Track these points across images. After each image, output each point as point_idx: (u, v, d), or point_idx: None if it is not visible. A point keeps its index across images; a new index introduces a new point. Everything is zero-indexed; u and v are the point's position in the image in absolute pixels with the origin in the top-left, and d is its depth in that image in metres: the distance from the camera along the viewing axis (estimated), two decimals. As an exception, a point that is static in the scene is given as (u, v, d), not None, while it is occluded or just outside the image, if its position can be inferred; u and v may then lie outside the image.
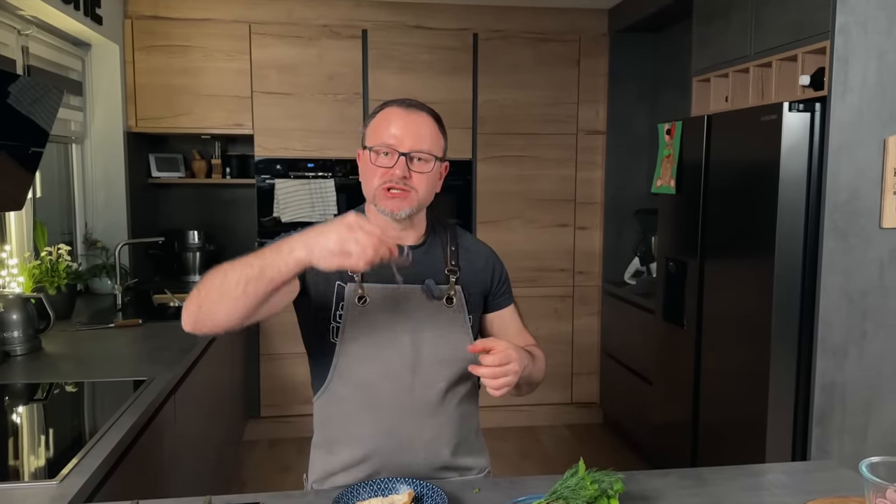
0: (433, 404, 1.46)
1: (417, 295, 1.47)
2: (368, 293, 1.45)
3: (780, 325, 2.50)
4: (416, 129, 1.39)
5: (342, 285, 1.46)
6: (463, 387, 1.51)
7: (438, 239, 1.54)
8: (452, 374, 1.47)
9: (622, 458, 3.92)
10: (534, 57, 4.14)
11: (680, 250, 3.09)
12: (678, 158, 3.06)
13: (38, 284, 2.87)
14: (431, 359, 1.46)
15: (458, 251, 1.53)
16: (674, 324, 3.11)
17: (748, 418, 2.63)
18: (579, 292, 4.33)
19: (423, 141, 1.39)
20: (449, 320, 1.48)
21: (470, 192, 4.18)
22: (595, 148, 4.28)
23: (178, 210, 4.37)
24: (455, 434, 1.49)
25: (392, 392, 1.44)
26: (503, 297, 1.59)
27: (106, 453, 1.60)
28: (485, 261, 1.57)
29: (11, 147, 2.01)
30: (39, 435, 1.81)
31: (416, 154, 1.39)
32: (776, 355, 2.51)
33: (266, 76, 3.92)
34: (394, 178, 1.38)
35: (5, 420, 1.89)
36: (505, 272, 1.60)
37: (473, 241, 1.60)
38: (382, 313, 1.45)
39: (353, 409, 1.46)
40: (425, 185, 1.42)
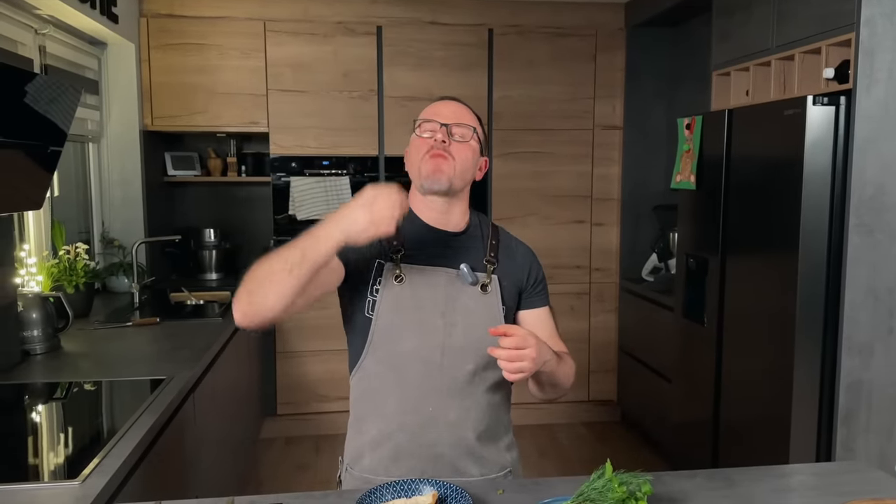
0: (460, 386, 1.48)
1: (453, 279, 1.49)
2: (405, 272, 1.48)
3: (804, 323, 2.46)
4: (457, 109, 1.51)
5: (382, 263, 1.49)
6: (492, 374, 1.51)
7: (479, 231, 1.58)
8: (481, 358, 1.48)
9: (641, 456, 3.89)
10: (550, 52, 4.11)
11: (700, 247, 3.05)
12: (698, 153, 3.02)
13: (56, 283, 2.88)
14: (461, 341, 1.47)
15: (498, 245, 1.57)
16: (694, 321, 3.08)
17: (771, 417, 2.59)
18: (596, 289, 4.30)
19: (464, 117, 1.50)
20: (482, 307, 1.50)
21: (485, 188, 4.15)
22: (612, 144, 4.24)
23: (195, 208, 4.37)
24: (481, 420, 1.50)
25: (420, 370, 1.47)
26: (538, 296, 1.59)
27: (127, 453, 1.60)
28: (522, 258, 1.59)
29: (30, 146, 2.01)
30: (59, 434, 1.81)
31: (456, 126, 1.48)
32: (800, 353, 2.47)
33: (281, 74, 3.92)
34: (436, 144, 1.46)
35: (25, 419, 1.90)
36: (542, 273, 1.61)
37: (513, 239, 1.63)
38: (418, 293, 1.48)
39: (382, 385, 1.49)
40: (464, 155, 1.48)
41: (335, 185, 3.97)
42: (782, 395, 2.52)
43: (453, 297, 1.48)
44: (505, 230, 1.64)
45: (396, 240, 1.50)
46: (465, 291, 1.49)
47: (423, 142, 1.49)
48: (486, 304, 1.50)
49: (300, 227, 3.93)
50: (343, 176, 3.99)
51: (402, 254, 1.50)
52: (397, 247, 1.50)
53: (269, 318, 1.30)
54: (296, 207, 3.95)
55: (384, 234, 1.27)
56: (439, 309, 1.47)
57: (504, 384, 1.55)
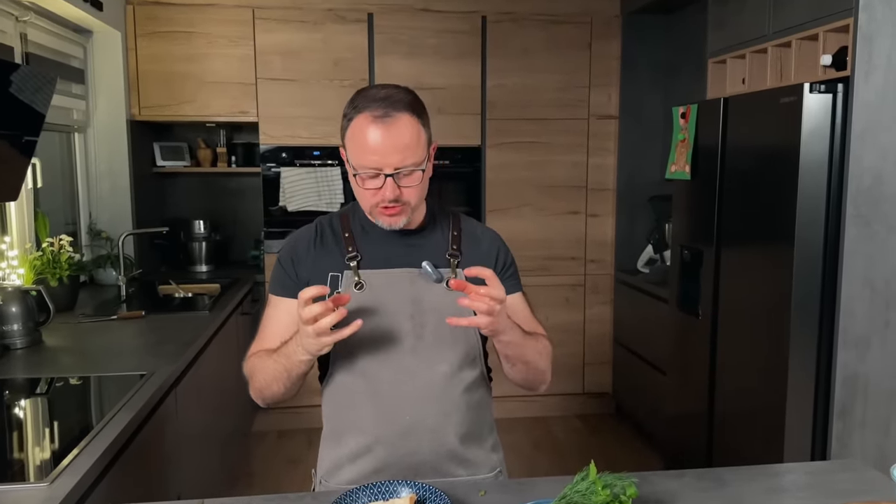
0: (437, 390, 1.42)
1: (416, 278, 1.43)
2: (365, 279, 1.42)
3: (799, 315, 2.42)
4: (395, 142, 1.31)
5: (336, 275, 1.43)
6: (468, 373, 1.46)
7: (439, 225, 1.51)
8: (455, 357, 1.43)
9: (635, 448, 3.86)
10: (544, 40, 4.04)
11: (695, 238, 3.00)
12: (693, 143, 2.97)
13: (39, 276, 2.83)
14: (432, 342, 1.42)
15: (460, 236, 1.50)
16: (689, 314, 3.03)
17: (766, 410, 2.55)
18: (591, 281, 4.25)
19: (407, 152, 1.33)
20: (451, 304, 1.41)
21: (479, 179, 4.10)
22: (607, 133, 4.18)
23: (184, 199, 4.32)
24: (462, 423, 1.44)
25: (393, 378, 1.41)
26: (508, 282, 1.49)
27: (100, 452, 1.55)
28: (489, 245, 1.52)
29: (3, 136, 1.95)
30: (32, 433, 1.76)
31: (402, 170, 1.34)
32: (795, 346, 2.43)
33: (270, 62, 3.85)
34: (385, 200, 1.35)
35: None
36: (510, 258, 1.55)
37: (478, 226, 1.56)
38: (381, 298, 1.42)
39: (355, 397, 1.43)
40: (417, 193, 1.39)
41: (326, 176, 3.92)
42: (777, 388, 2.48)
43: (419, 298, 1.42)
44: (469, 219, 1.56)
45: (352, 246, 1.45)
46: (431, 290, 1.43)
47: (368, 192, 1.37)
48: (453, 301, 1.40)
49: (291, 219, 3.93)
50: (334, 166, 3.93)
51: (360, 259, 1.44)
52: (353, 254, 1.44)
53: (289, 398, 1.47)
54: (286, 199, 3.89)
55: (333, 339, 1.26)
56: (406, 311, 1.42)
57: (483, 382, 1.50)
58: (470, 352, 1.46)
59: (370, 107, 1.32)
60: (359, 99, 1.36)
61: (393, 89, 1.36)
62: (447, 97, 3.96)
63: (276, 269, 1.50)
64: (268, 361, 1.39)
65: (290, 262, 1.47)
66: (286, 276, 1.46)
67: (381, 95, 1.34)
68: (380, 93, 1.35)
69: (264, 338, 1.48)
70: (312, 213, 3.77)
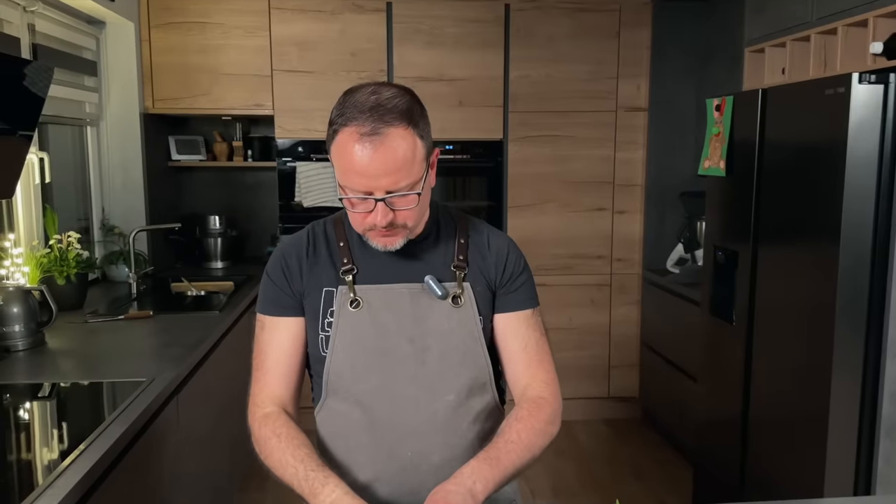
0: (442, 422, 1.26)
1: (419, 294, 1.27)
2: (362, 295, 1.26)
3: (844, 323, 2.24)
4: (386, 163, 1.14)
5: (331, 290, 1.27)
6: (478, 400, 1.30)
7: (444, 232, 1.35)
8: (462, 384, 1.27)
9: (663, 456, 3.70)
10: (570, 28, 3.87)
11: (730, 239, 2.83)
12: (729, 137, 2.79)
13: (46, 274, 2.75)
14: (436, 368, 1.26)
15: (467, 244, 1.33)
16: (722, 319, 2.86)
17: (806, 425, 2.38)
18: (618, 281, 4.08)
19: (400, 174, 1.16)
20: (457, 324, 1.27)
21: (501, 174, 3.94)
22: (636, 126, 4.00)
23: (200, 194, 4.23)
24: (471, 457, 1.26)
25: (392, 409, 1.25)
26: (514, 295, 1.33)
27: (86, 470, 1.44)
28: (496, 253, 1.34)
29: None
30: (13, 450, 1.65)
31: (395, 193, 1.18)
32: (840, 356, 2.25)
33: (286, 53, 3.74)
34: (377, 226, 1.21)
35: None
36: (521, 267, 1.35)
37: (488, 231, 1.38)
38: (379, 318, 1.26)
39: (350, 428, 1.28)
40: (415, 216, 1.23)
41: (343, 171, 3.79)
42: (819, 401, 2.31)
43: (422, 318, 1.26)
44: (478, 223, 1.39)
45: (347, 258, 1.29)
46: (435, 308, 1.27)
47: (357, 215, 1.22)
48: (461, 320, 1.28)
49: (307, 215, 3.81)
50: (352, 161, 3.80)
51: (356, 273, 1.28)
52: (349, 266, 1.29)
53: None
54: (302, 194, 3.78)
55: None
56: (406, 334, 1.26)
57: (494, 410, 1.34)
58: (479, 377, 1.30)
59: (357, 119, 1.15)
60: (346, 105, 1.18)
61: (387, 91, 1.19)
62: (468, 89, 3.82)
63: (265, 286, 1.33)
64: (289, 459, 1.19)
65: (281, 276, 1.31)
66: (280, 292, 1.31)
67: (371, 103, 1.16)
68: (369, 99, 1.17)
69: (266, 369, 1.32)
70: (329, 209, 3.65)
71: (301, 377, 1.35)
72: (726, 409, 2.87)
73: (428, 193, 1.26)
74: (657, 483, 3.43)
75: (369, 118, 1.15)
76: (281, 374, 1.30)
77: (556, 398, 1.31)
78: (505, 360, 1.35)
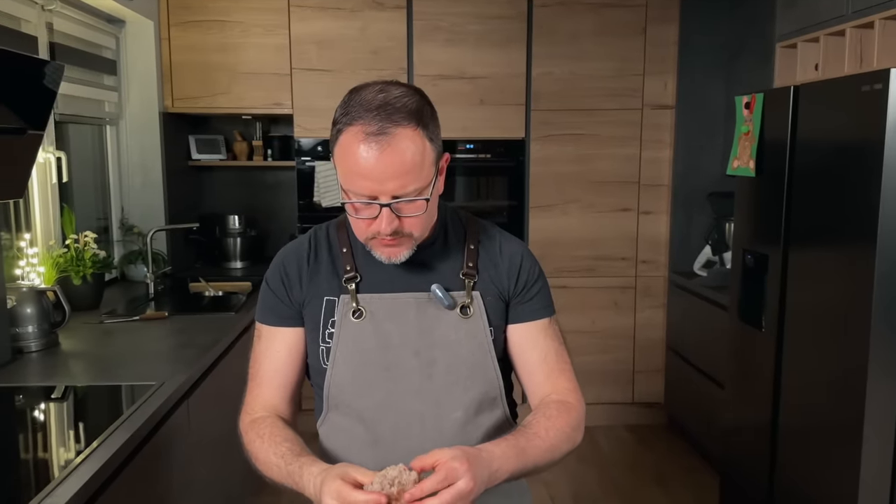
0: (449, 439, 1.18)
1: (425, 304, 1.20)
2: (365, 305, 1.20)
3: (881, 329, 2.13)
4: (392, 166, 1.07)
5: (332, 300, 1.21)
6: (488, 416, 1.23)
7: (453, 237, 1.27)
8: (471, 400, 1.21)
9: (689, 464, 3.60)
10: (595, 25, 3.78)
11: (759, 241, 2.72)
12: (759, 136, 2.69)
13: (62, 274, 2.73)
14: (443, 382, 1.19)
15: (477, 250, 1.25)
16: (751, 325, 2.75)
17: (839, 433, 2.27)
18: (643, 283, 3.98)
19: (408, 177, 1.09)
20: (466, 335, 1.21)
21: (522, 174, 3.87)
22: (663, 125, 3.90)
23: (220, 194, 4.22)
24: None
25: (396, 426, 1.19)
26: (529, 304, 1.26)
27: (90, 475, 1.41)
28: (509, 260, 1.27)
29: (6, 130, 1.83)
30: (18, 452, 1.62)
31: (401, 199, 1.11)
32: (876, 363, 2.14)
33: (306, 52, 3.70)
34: (381, 234, 1.13)
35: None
36: (536, 274, 1.28)
37: (499, 236, 1.30)
38: (382, 329, 1.20)
39: (353, 444, 1.22)
40: (422, 224, 1.16)
41: (363, 170, 3.74)
42: (853, 410, 2.20)
43: (428, 329, 1.20)
44: (490, 227, 1.32)
45: (350, 265, 1.23)
46: (442, 318, 1.20)
47: (360, 222, 1.15)
48: (469, 332, 1.20)
49: (325, 215, 3.77)
50: (371, 160, 3.75)
51: (360, 281, 1.22)
52: (352, 274, 1.22)
53: None
54: (321, 194, 3.74)
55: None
56: (411, 346, 1.19)
57: (505, 425, 1.26)
58: (489, 392, 1.23)
59: (363, 118, 1.08)
60: (352, 103, 1.11)
61: (395, 90, 1.12)
62: (489, 87, 3.75)
63: (264, 294, 1.28)
64: (272, 458, 1.15)
65: (280, 285, 1.26)
66: (278, 301, 1.26)
67: (378, 102, 1.09)
68: (377, 97, 1.09)
69: (261, 381, 1.27)
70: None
71: (298, 389, 1.30)
72: (755, 416, 2.77)
73: (436, 200, 1.20)
74: (682, 491, 3.33)
75: (376, 117, 1.07)
76: (277, 385, 1.25)
77: (582, 406, 1.26)
78: (523, 372, 1.28)
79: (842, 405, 2.26)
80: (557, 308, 1.32)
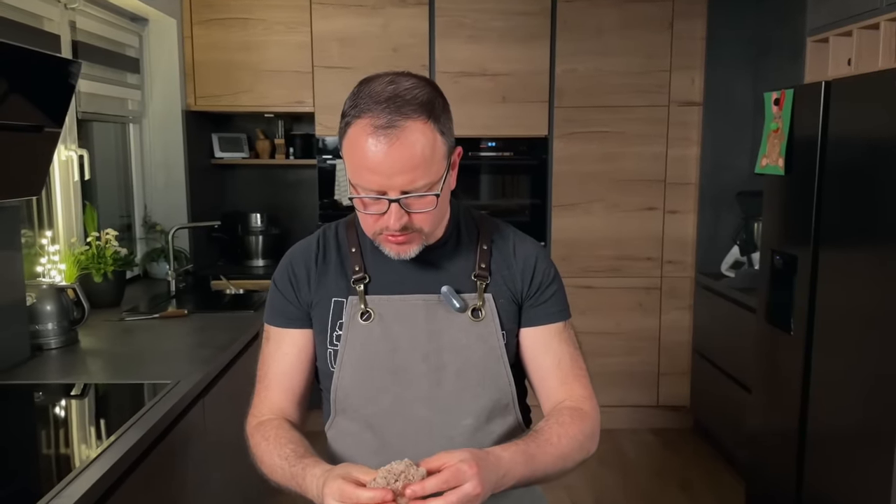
0: (459, 447, 1.12)
1: (435, 307, 1.17)
2: (374, 306, 1.17)
3: (914, 336, 2.05)
4: (401, 157, 1.04)
5: (340, 301, 1.18)
6: (499, 423, 1.19)
7: (466, 237, 1.23)
8: (481, 407, 1.17)
9: (714, 469, 3.52)
10: (620, 20, 3.71)
11: (788, 242, 2.64)
12: (788, 133, 2.61)
13: (83, 271, 2.75)
14: (453, 388, 1.16)
15: (490, 251, 1.21)
16: (779, 328, 2.68)
17: (871, 439, 2.19)
18: (668, 284, 3.90)
19: (417, 172, 1.05)
20: (476, 339, 1.17)
21: (545, 172, 3.81)
22: (690, 122, 3.82)
23: (243, 192, 4.23)
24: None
25: (403, 431, 1.16)
26: (543, 307, 1.22)
27: (101, 474, 1.40)
28: (523, 261, 1.22)
29: (22, 128, 1.83)
30: (24, 453, 1.61)
31: (411, 194, 1.07)
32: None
33: (327, 49, 3.68)
34: (390, 230, 1.10)
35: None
36: (551, 276, 1.23)
37: (513, 236, 1.26)
38: (391, 332, 1.17)
39: (360, 450, 1.19)
40: (432, 220, 1.12)
41: (384, 168, 3.72)
42: (886, 416, 2.12)
43: (437, 332, 1.16)
44: (504, 227, 1.27)
45: (359, 265, 1.19)
46: (453, 322, 1.16)
47: (368, 217, 1.11)
48: (480, 336, 1.16)
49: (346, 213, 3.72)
50: (393, 158, 3.73)
51: (368, 282, 1.18)
52: (361, 274, 1.19)
53: None
54: (341, 192, 3.73)
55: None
56: (420, 350, 1.16)
57: (518, 431, 1.22)
58: (501, 398, 1.19)
59: (372, 110, 1.04)
60: (361, 95, 1.07)
61: (406, 81, 1.07)
62: (512, 84, 3.70)
63: (272, 295, 1.25)
64: (276, 460, 1.13)
65: (288, 285, 1.23)
66: (286, 303, 1.23)
67: (388, 94, 1.05)
68: (387, 88, 1.05)
69: (269, 383, 1.24)
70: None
71: (308, 391, 1.27)
72: (782, 422, 2.69)
73: (447, 196, 1.16)
74: (707, 497, 3.26)
75: (385, 109, 1.04)
76: (285, 388, 1.23)
77: (597, 414, 1.22)
78: (536, 377, 1.24)
79: (873, 412, 2.18)
80: (581, 309, 1.28)
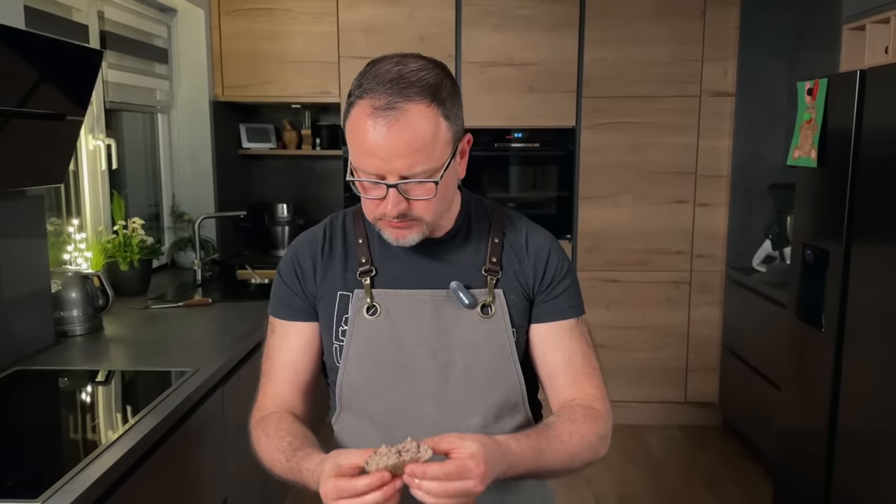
0: None
1: (443, 302, 1.14)
2: (380, 301, 1.14)
3: (951, 335, 1.97)
4: (399, 141, 1.00)
5: (346, 295, 1.16)
6: (509, 422, 1.16)
7: (476, 229, 1.20)
8: (490, 406, 1.14)
9: (742, 467, 3.45)
10: (651, 8, 3.63)
11: (821, 236, 2.56)
12: (821, 124, 2.52)
13: (110, 259, 2.79)
14: (460, 386, 1.13)
15: (501, 244, 1.18)
16: (809, 324, 2.60)
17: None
18: (698, 278, 3.82)
19: (417, 156, 1.02)
20: (486, 336, 1.14)
21: (572, 163, 3.75)
22: (722, 112, 3.73)
23: (270, 182, 4.25)
24: (500, 486, 1.08)
25: (409, 429, 1.11)
26: (555, 302, 1.18)
27: (110, 465, 1.41)
28: (535, 254, 1.18)
29: (45, 116, 1.85)
30: (41, 438, 1.63)
31: (410, 179, 1.04)
32: (944, 372, 1.99)
33: (353, 39, 3.67)
34: (388, 216, 1.07)
35: (9, 418, 1.71)
36: (564, 270, 1.19)
37: (526, 228, 1.22)
38: (397, 328, 1.14)
39: (365, 445, 1.15)
40: (432, 208, 1.08)
41: (409, 159, 3.70)
42: (918, 422, 2.05)
43: (445, 329, 1.13)
44: (517, 218, 1.23)
45: (366, 257, 1.16)
46: (461, 318, 1.13)
47: (369, 202, 1.08)
48: (490, 333, 1.13)
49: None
50: (418, 149, 3.71)
51: (375, 276, 1.16)
52: (367, 267, 1.16)
53: None
54: (366, 182, 3.72)
55: None
56: (428, 346, 1.12)
57: (525, 428, 1.18)
58: (510, 397, 1.15)
59: (375, 90, 1.01)
60: (367, 76, 1.04)
61: (413, 63, 1.04)
62: (539, 73, 3.65)
63: (276, 286, 1.23)
64: (275, 454, 1.11)
65: (293, 278, 1.20)
66: (291, 295, 1.20)
67: (392, 75, 1.02)
68: (392, 69, 1.03)
69: (273, 376, 1.22)
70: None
71: (314, 384, 1.25)
72: (812, 421, 2.62)
73: (452, 185, 1.13)
74: (734, 496, 3.19)
75: (387, 91, 1.01)
76: (289, 381, 1.21)
77: (609, 415, 1.17)
78: (545, 375, 1.20)
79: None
80: (606, 303, 1.25)
